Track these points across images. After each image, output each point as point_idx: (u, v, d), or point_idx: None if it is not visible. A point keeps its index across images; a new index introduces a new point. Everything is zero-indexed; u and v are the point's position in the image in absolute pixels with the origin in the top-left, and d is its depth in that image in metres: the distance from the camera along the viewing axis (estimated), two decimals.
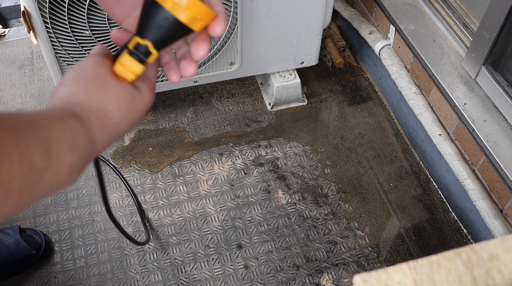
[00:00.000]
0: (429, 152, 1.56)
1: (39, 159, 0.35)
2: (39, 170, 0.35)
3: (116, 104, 0.46)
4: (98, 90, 0.45)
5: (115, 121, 0.46)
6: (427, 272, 0.46)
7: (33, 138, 0.35)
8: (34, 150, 0.35)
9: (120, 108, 0.46)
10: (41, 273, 1.35)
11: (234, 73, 1.57)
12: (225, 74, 1.57)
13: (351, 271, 1.37)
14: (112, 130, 0.46)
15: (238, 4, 1.35)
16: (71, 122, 0.41)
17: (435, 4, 1.54)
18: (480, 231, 1.40)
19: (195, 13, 0.44)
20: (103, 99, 0.45)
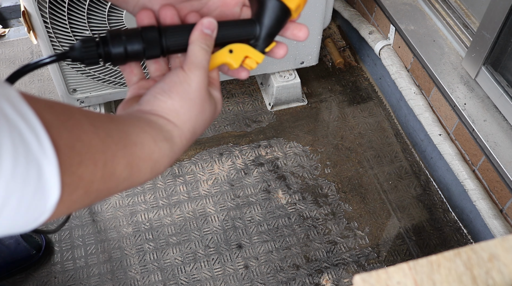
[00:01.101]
0: (429, 152, 1.56)
1: (120, 170, 0.37)
2: (118, 179, 0.37)
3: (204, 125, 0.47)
4: (199, 113, 0.45)
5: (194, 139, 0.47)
6: (427, 272, 0.46)
7: (120, 151, 0.37)
8: (118, 161, 0.37)
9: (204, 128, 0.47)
10: (41, 273, 1.35)
11: None
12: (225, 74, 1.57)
13: (351, 271, 1.37)
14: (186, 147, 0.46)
15: None
16: (163, 146, 0.42)
17: (435, 4, 1.54)
18: (480, 231, 1.40)
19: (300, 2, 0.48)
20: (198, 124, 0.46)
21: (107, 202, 1.49)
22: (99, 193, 0.36)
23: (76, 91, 1.47)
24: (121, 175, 0.37)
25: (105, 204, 1.49)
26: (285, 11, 0.48)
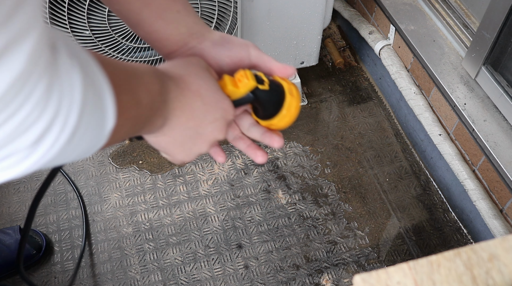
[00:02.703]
0: (429, 152, 1.56)
1: (143, 98, 0.44)
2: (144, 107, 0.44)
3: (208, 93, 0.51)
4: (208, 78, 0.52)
5: (198, 112, 0.50)
6: (427, 272, 0.46)
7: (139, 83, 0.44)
8: (140, 91, 0.44)
9: (208, 101, 0.51)
10: (41, 273, 1.35)
11: None
12: None
13: (351, 271, 1.37)
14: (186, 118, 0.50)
15: (238, 4, 1.35)
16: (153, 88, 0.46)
17: (435, 4, 1.54)
18: (480, 231, 1.40)
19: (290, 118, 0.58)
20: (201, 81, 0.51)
21: (107, 202, 1.49)
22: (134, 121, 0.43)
23: None
24: (144, 101, 0.43)
25: (105, 204, 1.49)
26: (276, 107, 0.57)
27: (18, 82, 0.29)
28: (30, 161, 0.33)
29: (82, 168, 1.56)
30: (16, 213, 1.47)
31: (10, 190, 1.51)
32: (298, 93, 0.58)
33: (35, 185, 1.52)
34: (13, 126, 0.30)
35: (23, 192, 1.51)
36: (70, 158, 0.37)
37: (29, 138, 0.32)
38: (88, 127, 0.36)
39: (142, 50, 1.38)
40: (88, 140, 0.37)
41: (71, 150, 0.35)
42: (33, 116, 0.31)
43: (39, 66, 0.30)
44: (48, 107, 0.31)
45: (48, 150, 0.33)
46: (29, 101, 0.30)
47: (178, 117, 0.49)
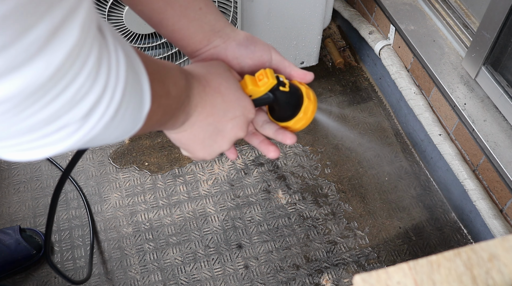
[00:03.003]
0: (429, 152, 1.56)
1: (172, 89, 0.46)
2: (173, 98, 0.46)
3: (229, 91, 0.53)
4: (229, 77, 0.54)
5: (218, 109, 0.52)
6: (427, 272, 0.46)
7: (167, 75, 0.46)
8: (168, 82, 0.46)
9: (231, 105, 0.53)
10: (41, 273, 1.35)
11: None
12: None
13: (351, 271, 1.37)
14: (209, 115, 0.52)
15: (238, 4, 1.35)
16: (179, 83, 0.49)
17: (435, 4, 1.54)
18: (480, 231, 1.40)
19: (305, 122, 0.59)
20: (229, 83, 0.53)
21: (107, 202, 1.49)
22: (164, 110, 0.45)
23: None
24: (172, 92, 0.46)
25: (105, 204, 1.49)
26: (293, 111, 0.58)
27: (74, 52, 0.30)
28: (79, 135, 0.34)
29: (82, 168, 1.56)
30: (16, 213, 1.47)
31: (10, 190, 1.51)
32: (315, 98, 0.59)
33: (35, 185, 1.52)
34: (69, 97, 0.31)
35: (23, 192, 1.51)
36: (110, 138, 0.38)
37: (82, 110, 0.33)
38: (128, 107, 0.37)
39: (143, 50, 1.38)
40: (128, 120, 0.38)
41: (112, 129, 0.37)
42: (86, 87, 0.32)
43: (90, 36, 0.32)
44: (98, 79, 0.33)
45: (96, 123, 0.34)
46: (83, 71, 0.31)
47: (199, 113, 0.51)
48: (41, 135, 0.32)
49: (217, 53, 0.58)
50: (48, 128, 0.32)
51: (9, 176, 1.54)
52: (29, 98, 0.29)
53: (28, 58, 0.27)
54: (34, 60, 0.28)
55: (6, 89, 0.27)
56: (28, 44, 0.27)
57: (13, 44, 0.26)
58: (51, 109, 0.31)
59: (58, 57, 0.29)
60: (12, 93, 0.28)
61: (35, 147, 0.33)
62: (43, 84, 0.29)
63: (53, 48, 0.28)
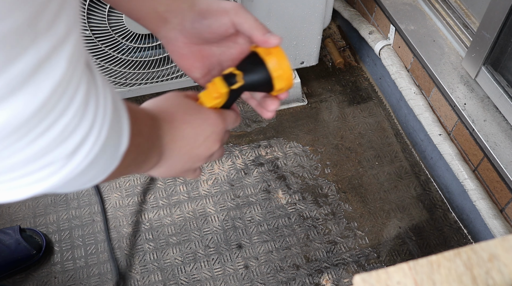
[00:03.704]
0: (429, 152, 1.56)
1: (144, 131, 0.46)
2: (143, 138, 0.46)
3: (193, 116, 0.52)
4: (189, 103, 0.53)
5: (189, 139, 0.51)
6: (427, 272, 0.46)
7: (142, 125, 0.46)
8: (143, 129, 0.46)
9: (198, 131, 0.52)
10: (41, 273, 1.35)
11: None
12: None
13: (351, 271, 1.37)
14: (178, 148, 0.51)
15: None
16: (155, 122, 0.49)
17: (435, 4, 1.54)
18: (480, 231, 1.40)
19: (286, 86, 0.54)
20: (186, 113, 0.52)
21: (107, 202, 1.49)
22: (138, 148, 0.44)
23: None
24: (143, 131, 0.45)
25: (105, 204, 1.49)
26: (268, 85, 0.53)
27: (61, 86, 0.29)
28: (64, 173, 0.33)
29: None
30: (16, 213, 1.47)
31: None
32: (278, 51, 0.53)
33: None
34: (56, 133, 0.30)
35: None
36: (84, 179, 0.37)
37: (69, 147, 0.32)
38: (109, 146, 0.36)
39: (142, 50, 1.38)
40: (105, 161, 0.37)
41: (90, 169, 0.35)
42: (73, 123, 0.31)
43: (78, 70, 0.31)
44: (86, 115, 0.32)
45: (82, 160, 0.33)
46: (71, 106, 0.30)
47: (172, 149, 0.50)
48: (23, 173, 0.31)
49: (175, 37, 0.55)
50: (32, 166, 0.30)
51: None
52: (13, 134, 0.28)
53: (10, 91, 0.26)
54: (18, 94, 0.26)
55: None
56: (11, 77, 0.26)
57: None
58: (37, 146, 0.29)
59: (44, 91, 0.28)
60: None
61: (15, 187, 0.31)
62: (28, 119, 0.28)
63: (39, 81, 0.27)
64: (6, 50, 0.25)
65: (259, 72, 0.53)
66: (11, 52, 0.25)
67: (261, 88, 0.54)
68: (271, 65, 0.52)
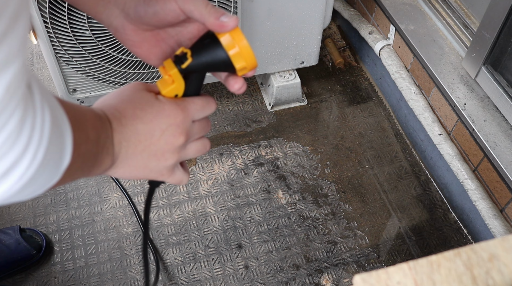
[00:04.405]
0: (429, 152, 1.56)
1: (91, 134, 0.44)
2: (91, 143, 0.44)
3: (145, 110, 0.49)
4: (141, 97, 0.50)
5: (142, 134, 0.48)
6: (427, 272, 0.46)
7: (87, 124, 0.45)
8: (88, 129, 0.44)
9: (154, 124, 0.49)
10: (41, 273, 1.35)
11: None
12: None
13: (351, 271, 1.37)
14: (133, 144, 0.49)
15: (238, 4, 1.35)
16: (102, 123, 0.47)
17: (435, 4, 1.54)
18: (480, 231, 1.40)
19: (249, 65, 0.50)
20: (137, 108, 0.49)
21: (107, 202, 1.49)
22: (85, 155, 0.43)
23: (76, 91, 1.47)
24: (91, 136, 0.44)
25: (105, 204, 1.49)
26: (226, 64, 0.50)
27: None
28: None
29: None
30: (16, 213, 1.47)
31: None
32: (238, 32, 0.49)
33: None
34: None
35: None
36: (22, 195, 0.37)
37: (0, 168, 0.32)
38: (48, 164, 0.36)
39: None
40: (45, 177, 0.37)
41: (29, 186, 0.36)
42: (4, 149, 0.31)
43: (15, 99, 0.31)
44: (19, 141, 0.32)
45: (15, 182, 0.34)
46: (1, 133, 0.31)
47: (126, 147, 0.48)
48: None
49: (122, 26, 0.52)
50: None
51: None
52: None
53: None
54: None
55: None
56: None
57: None
58: None
59: None
60: None
61: None
62: None
63: None
64: None
65: (212, 50, 0.49)
66: None
67: (221, 68, 0.51)
68: (225, 43, 0.48)
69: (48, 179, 0.38)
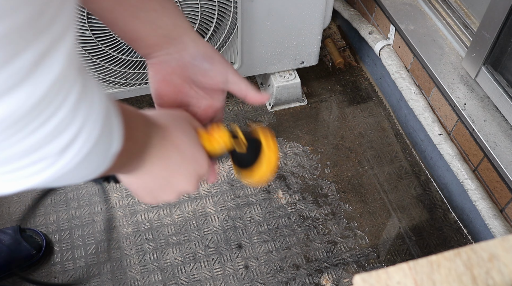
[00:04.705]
0: (429, 152, 1.56)
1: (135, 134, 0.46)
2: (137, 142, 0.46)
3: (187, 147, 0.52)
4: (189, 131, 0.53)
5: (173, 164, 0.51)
6: (427, 272, 0.46)
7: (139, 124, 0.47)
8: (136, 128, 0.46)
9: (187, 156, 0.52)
10: (41, 273, 1.35)
11: None
12: None
13: (351, 271, 1.37)
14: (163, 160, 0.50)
15: (238, 4, 1.35)
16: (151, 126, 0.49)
17: (435, 4, 1.54)
18: (480, 231, 1.40)
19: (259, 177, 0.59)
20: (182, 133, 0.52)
21: (107, 202, 1.49)
22: (126, 152, 0.43)
23: None
24: (135, 137, 0.45)
25: (105, 204, 1.49)
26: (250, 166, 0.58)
27: (59, 81, 0.29)
28: (54, 169, 0.34)
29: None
30: (16, 213, 1.47)
31: None
32: (275, 145, 0.59)
33: None
34: (51, 128, 0.31)
35: (23, 192, 1.51)
36: (77, 177, 0.38)
37: (61, 143, 0.32)
38: (99, 148, 0.37)
39: None
40: (97, 160, 0.38)
41: (84, 166, 0.36)
42: (67, 120, 0.32)
43: (74, 67, 0.31)
44: (78, 114, 0.33)
45: (72, 159, 0.34)
46: (65, 103, 0.31)
47: (153, 164, 0.49)
48: (17, 167, 0.31)
49: (168, 61, 0.55)
50: (26, 160, 0.31)
51: None
52: (12, 127, 0.28)
53: (12, 85, 0.27)
54: (19, 88, 0.27)
55: None
56: (14, 71, 0.26)
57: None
58: (32, 139, 0.30)
59: (43, 86, 0.28)
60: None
61: (7, 180, 0.32)
62: (27, 112, 0.28)
63: (38, 76, 0.28)
64: (8, 47, 0.26)
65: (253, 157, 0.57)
66: (14, 48, 0.26)
67: (246, 164, 0.58)
68: (265, 146, 0.57)
69: (99, 164, 0.39)
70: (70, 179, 0.37)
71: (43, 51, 0.27)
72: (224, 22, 1.39)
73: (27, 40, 0.26)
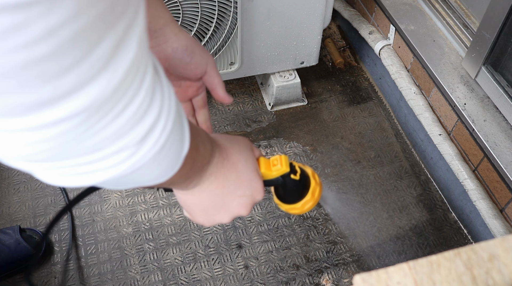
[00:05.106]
0: (429, 152, 1.56)
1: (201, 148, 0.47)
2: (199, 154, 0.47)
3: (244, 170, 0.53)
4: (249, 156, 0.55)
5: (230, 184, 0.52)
6: (427, 272, 0.46)
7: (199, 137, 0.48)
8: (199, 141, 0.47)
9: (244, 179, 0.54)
10: (41, 273, 1.35)
11: (234, 73, 1.58)
12: (225, 74, 1.57)
13: (351, 271, 1.37)
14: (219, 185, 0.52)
15: (238, 4, 1.35)
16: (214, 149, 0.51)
17: (435, 4, 1.54)
18: (480, 231, 1.40)
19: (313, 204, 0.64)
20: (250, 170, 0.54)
21: (107, 202, 1.49)
22: (193, 162, 0.45)
23: None
24: (200, 149, 0.47)
25: (105, 204, 1.49)
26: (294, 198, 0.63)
27: (134, 66, 0.30)
28: (133, 160, 0.34)
29: None
30: (16, 213, 1.47)
31: (10, 190, 1.51)
32: (320, 181, 0.64)
33: (35, 185, 1.52)
34: (131, 113, 0.31)
35: (23, 192, 1.51)
36: (151, 175, 0.38)
37: (141, 131, 0.33)
38: (174, 141, 0.37)
39: None
40: (170, 158, 0.39)
41: (157, 163, 0.37)
42: (145, 104, 0.32)
43: (145, 52, 0.32)
44: (155, 98, 0.33)
45: (150, 149, 0.35)
46: (142, 87, 0.32)
47: (212, 182, 0.51)
48: (100, 156, 0.32)
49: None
50: (109, 149, 0.32)
51: (9, 176, 1.54)
52: (95, 114, 0.29)
53: (95, 73, 0.27)
54: (101, 75, 0.28)
55: (76, 105, 0.28)
56: (97, 59, 0.27)
57: (84, 60, 0.26)
58: (115, 126, 0.31)
59: (121, 71, 0.29)
60: (81, 108, 0.28)
61: (89, 171, 0.33)
62: (108, 99, 0.29)
63: (117, 61, 0.29)
64: (92, 36, 0.26)
65: (303, 182, 0.61)
66: (96, 36, 0.27)
67: (292, 195, 0.62)
68: (312, 178, 0.62)
69: (171, 163, 0.40)
70: (140, 177, 0.38)
71: (120, 35, 0.28)
72: (224, 22, 1.39)
73: (107, 26, 0.27)
